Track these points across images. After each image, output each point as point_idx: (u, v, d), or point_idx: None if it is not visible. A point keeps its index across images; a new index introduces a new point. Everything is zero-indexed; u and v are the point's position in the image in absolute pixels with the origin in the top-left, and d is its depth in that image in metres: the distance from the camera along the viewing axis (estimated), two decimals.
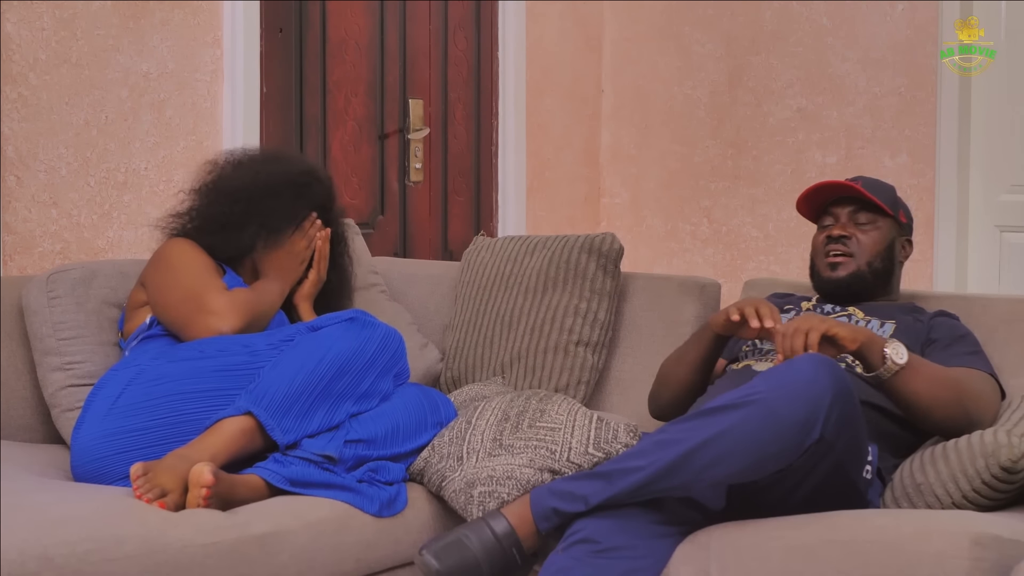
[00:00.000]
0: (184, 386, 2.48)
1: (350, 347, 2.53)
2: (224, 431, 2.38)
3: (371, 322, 2.59)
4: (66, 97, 3.27)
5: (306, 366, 2.48)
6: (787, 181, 4.59)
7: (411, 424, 2.64)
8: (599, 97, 5.00)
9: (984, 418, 2.51)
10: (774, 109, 4.65)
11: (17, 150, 3.18)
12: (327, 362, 2.50)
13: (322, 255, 2.91)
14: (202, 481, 2.23)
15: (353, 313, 2.60)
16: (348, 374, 2.52)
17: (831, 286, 2.83)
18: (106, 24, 3.35)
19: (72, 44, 3.28)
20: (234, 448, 2.38)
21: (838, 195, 2.87)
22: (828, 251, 2.83)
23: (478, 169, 4.55)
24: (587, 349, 3.10)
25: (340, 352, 2.52)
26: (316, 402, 2.47)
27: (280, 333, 2.62)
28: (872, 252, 2.81)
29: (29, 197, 3.20)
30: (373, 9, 4.14)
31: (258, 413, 2.40)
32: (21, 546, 1.97)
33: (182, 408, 2.46)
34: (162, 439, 2.42)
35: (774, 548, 2.22)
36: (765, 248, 4.67)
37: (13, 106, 3.16)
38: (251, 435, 2.41)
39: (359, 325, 2.57)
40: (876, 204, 2.83)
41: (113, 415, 2.46)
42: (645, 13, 4.89)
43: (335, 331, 2.55)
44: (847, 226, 2.83)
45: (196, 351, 2.56)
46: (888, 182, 2.96)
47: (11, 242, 3.16)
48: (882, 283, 2.84)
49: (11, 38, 3.15)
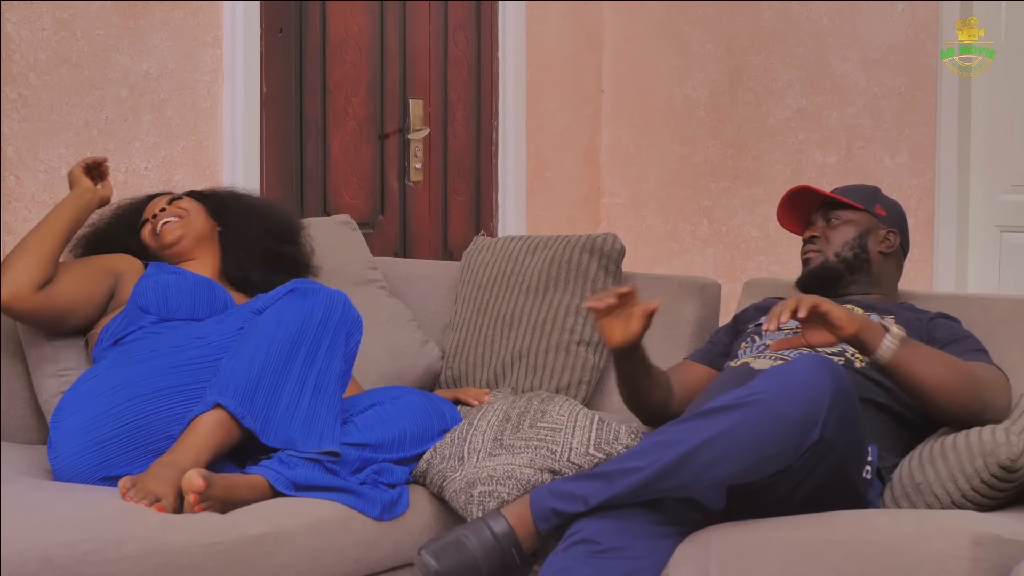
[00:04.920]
0: (144, 387, 2.48)
1: (298, 318, 2.53)
2: (200, 429, 2.39)
3: (312, 288, 2.59)
4: (66, 97, 3.27)
5: (260, 348, 2.48)
6: (787, 181, 4.58)
7: (417, 431, 2.65)
8: (599, 97, 5.00)
9: (999, 406, 2.49)
10: (774, 109, 4.65)
11: (17, 150, 3.18)
12: (279, 339, 2.50)
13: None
14: (192, 487, 2.23)
15: (292, 284, 2.60)
16: (303, 344, 2.52)
17: (803, 281, 2.90)
18: (106, 24, 3.35)
19: (72, 44, 3.28)
20: (215, 442, 2.39)
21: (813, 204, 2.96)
22: (803, 252, 2.94)
23: (478, 169, 4.55)
24: (588, 349, 3.10)
25: (290, 326, 2.52)
26: (280, 380, 2.47)
27: (232, 322, 2.61)
28: (839, 243, 2.88)
29: (29, 197, 3.20)
30: (373, 9, 4.14)
31: (226, 403, 2.40)
32: (21, 547, 1.97)
33: (147, 409, 2.46)
34: (133, 444, 2.43)
35: (774, 548, 2.22)
36: (765, 248, 4.67)
37: (13, 106, 3.16)
38: (228, 427, 2.41)
39: (300, 295, 2.57)
40: (842, 202, 2.91)
41: (81, 431, 2.45)
42: (645, 13, 4.89)
43: (279, 307, 2.55)
44: (819, 228, 2.92)
45: (148, 351, 2.57)
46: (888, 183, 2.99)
47: (11, 242, 3.15)
48: (861, 274, 2.88)
49: (11, 38, 3.15)
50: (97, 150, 3.33)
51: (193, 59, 3.57)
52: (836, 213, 2.92)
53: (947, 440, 2.43)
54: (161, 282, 2.74)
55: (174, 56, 3.52)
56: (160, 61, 3.48)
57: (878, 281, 2.89)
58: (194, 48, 3.57)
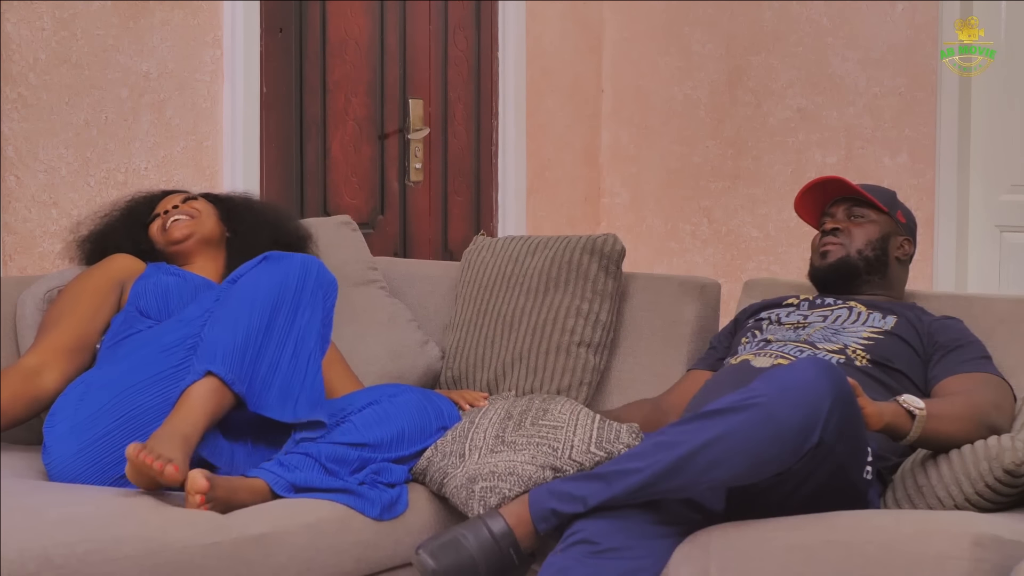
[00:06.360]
0: (134, 378, 2.49)
1: (275, 282, 2.55)
2: (193, 397, 2.39)
3: (284, 255, 2.61)
4: (66, 97, 3.27)
5: (243, 313, 2.49)
6: (787, 181, 4.59)
7: (415, 429, 2.65)
8: (599, 97, 5.00)
9: (1005, 426, 2.51)
10: (774, 109, 4.65)
11: (17, 150, 3.18)
12: (259, 303, 2.51)
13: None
14: (197, 487, 2.23)
15: (264, 255, 2.62)
16: (283, 307, 2.54)
17: (821, 272, 2.88)
18: (106, 24, 3.35)
19: (72, 44, 3.28)
20: (209, 409, 2.39)
21: (834, 196, 2.93)
22: (822, 243, 2.90)
23: (478, 169, 4.55)
24: (589, 350, 3.10)
25: (268, 291, 2.53)
26: (264, 342, 2.49)
27: (208, 298, 2.63)
28: (863, 241, 2.86)
29: (29, 197, 3.20)
30: (373, 9, 4.14)
31: (217, 370, 2.41)
32: (21, 547, 1.97)
33: (138, 400, 2.47)
34: (130, 436, 2.42)
35: (774, 548, 2.22)
36: (765, 248, 4.67)
37: (13, 106, 3.16)
38: (221, 393, 2.41)
39: (273, 261, 2.59)
40: (869, 200, 2.88)
41: (75, 432, 2.45)
42: (645, 13, 4.89)
43: (255, 274, 2.57)
44: (841, 221, 2.90)
45: (134, 345, 2.58)
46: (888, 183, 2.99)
47: (11, 242, 3.16)
48: (877, 275, 2.87)
49: (11, 38, 3.15)
50: (97, 150, 3.33)
51: (193, 59, 3.57)
52: (861, 211, 2.89)
53: None
54: (161, 284, 2.73)
55: (174, 56, 3.52)
56: (160, 61, 3.48)
57: (890, 285, 2.90)
58: (194, 48, 3.57)
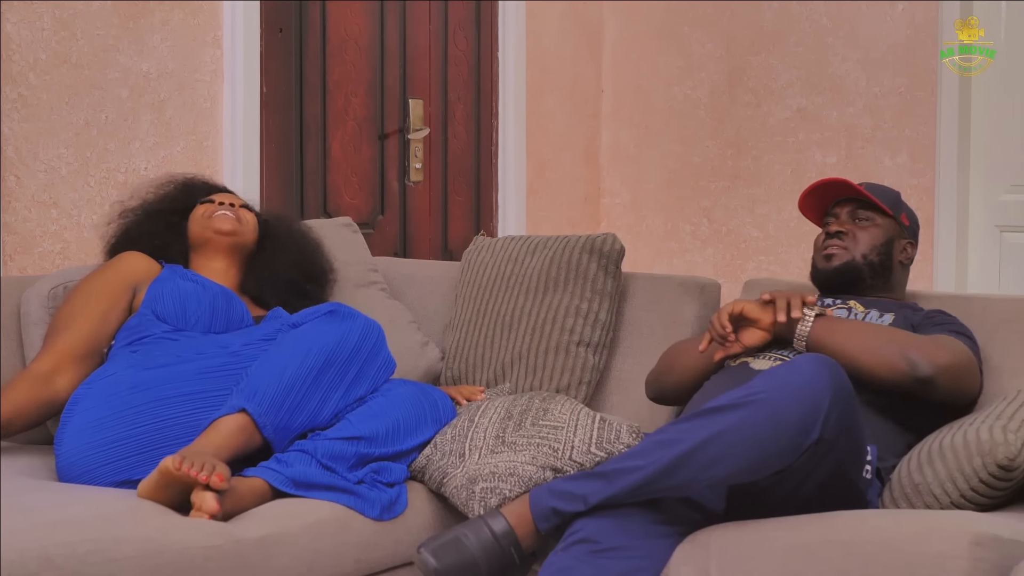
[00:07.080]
0: (165, 391, 2.48)
1: (333, 339, 2.55)
2: (221, 430, 2.39)
3: (351, 313, 2.61)
4: (66, 97, 3.28)
5: (293, 361, 2.49)
6: (787, 181, 4.59)
7: (410, 420, 2.65)
8: (599, 97, 5.00)
9: (939, 363, 2.50)
10: (774, 109, 4.65)
11: (17, 150, 3.18)
12: (313, 355, 2.52)
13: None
14: (208, 509, 2.23)
15: (332, 306, 2.62)
16: (334, 365, 2.54)
17: (825, 275, 2.88)
18: (106, 24, 3.35)
19: (72, 44, 3.28)
20: (234, 444, 2.39)
21: (838, 195, 2.93)
22: (825, 245, 2.89)
23: (478, 169, 4.55)
24: (588, 349, 3.10)
25: (325, 345, 2.54)
26: (306, 395, 2.49)
27: (257, 332, 2.63)
28: (868, 246, 2.85)
29: (29, 197, 3.20)
30: (373, 9, 4.14)
31: (251, 410, 2.41)
32: (21, 547, 1.97)
33: (165, 413, 2.46)
34: (146, 446, 2.42)
35: (774, 548, 2.22)
36: (765, 248, 4.67)
37: (13, 106, 3.16)
38: (249, 432, 2.42)
39: (339, 317, 2.59)
40: (874, 203, 2.87)
41: (94, 427, 2.44)
42: (645, 13, 4.89)
43: (317, 325, 2.57)
44: (845, 223, 2.89)
45: (174, 356, 2.57)
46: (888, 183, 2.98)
47: (11, 242, 3.16)
48: (880, 279, 2.86)
49: (11, 38, 3.15)
50: (97, 150, 3.33)
51: (193, 59, 3.57)
52: (866, 213, 2.88)
53: (945, 440, 2.43)
54: (179, 290, 2.73)
55: (174, 56, 3.52)
56: (160, 61, 3.48)
57: (891, 288, 2.89)
58: (194, 48, 3.57)
